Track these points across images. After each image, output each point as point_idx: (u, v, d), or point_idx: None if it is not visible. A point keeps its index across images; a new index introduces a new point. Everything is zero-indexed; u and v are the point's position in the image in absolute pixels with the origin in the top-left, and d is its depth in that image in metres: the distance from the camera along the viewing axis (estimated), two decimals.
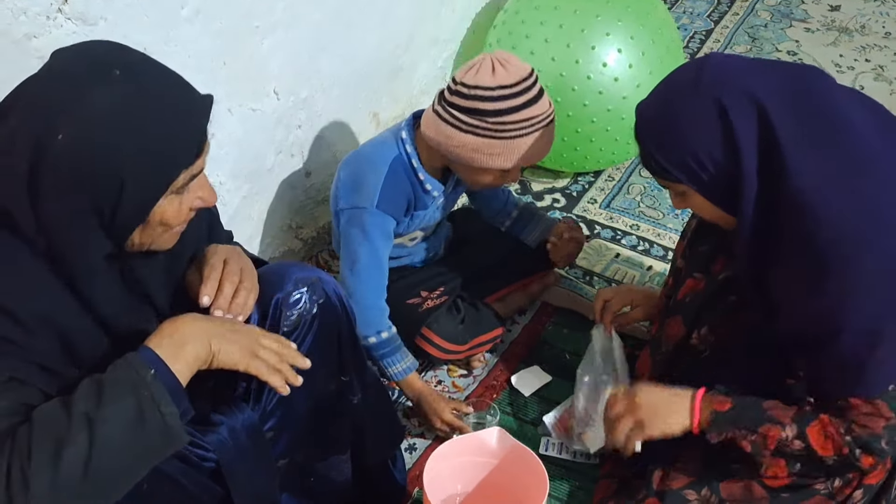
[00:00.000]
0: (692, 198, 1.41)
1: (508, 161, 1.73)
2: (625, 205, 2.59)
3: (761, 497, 1.49)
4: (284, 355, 1.25)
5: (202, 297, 1.23)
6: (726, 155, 1.32)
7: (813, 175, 1.27)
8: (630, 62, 2.31)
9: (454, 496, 1.62)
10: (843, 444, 1.37)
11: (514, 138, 1.70)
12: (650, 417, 1.49)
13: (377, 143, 1.89)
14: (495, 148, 1.71)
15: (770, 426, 1.41)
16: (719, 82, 1.32)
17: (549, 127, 1.75)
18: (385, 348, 1.84)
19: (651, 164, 1.41)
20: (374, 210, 1.80)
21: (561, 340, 2.12)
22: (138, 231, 1.12)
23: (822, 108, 1.31)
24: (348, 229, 1.83)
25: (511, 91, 1.68)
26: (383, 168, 1.80)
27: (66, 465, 0.99)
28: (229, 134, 1.92)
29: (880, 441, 1.36)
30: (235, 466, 1.27)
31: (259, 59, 1.94)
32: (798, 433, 1.39)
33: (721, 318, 1.55)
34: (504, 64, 1.70)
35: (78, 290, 1.10)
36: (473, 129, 1.70)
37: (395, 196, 1.82)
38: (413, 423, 1.93)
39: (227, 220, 1.52)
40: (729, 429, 1.43)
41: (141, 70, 1.08)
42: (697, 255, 1.64)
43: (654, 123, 1.39)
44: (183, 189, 1.12)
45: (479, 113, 1.68)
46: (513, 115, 1.68)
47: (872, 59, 3.27)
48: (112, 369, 1.08)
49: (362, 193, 1.81)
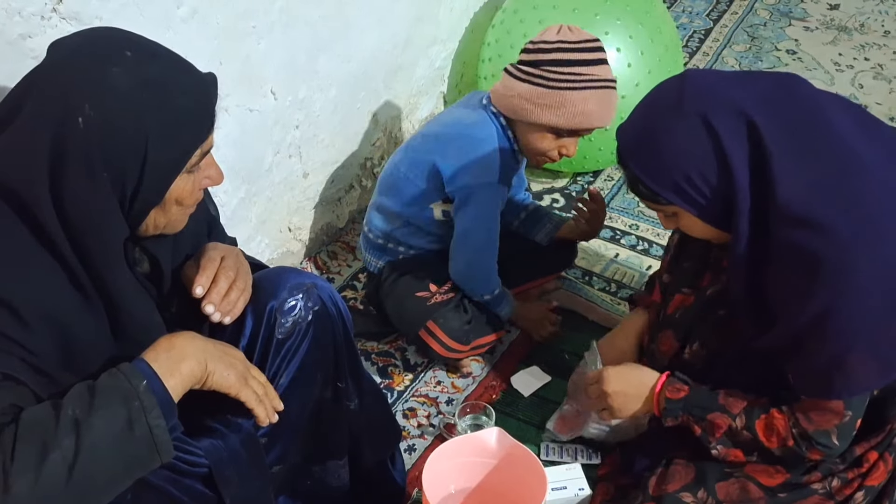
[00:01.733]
0: (684, 218, 1.40)
1: (560, 116, 1.76)
2: (624, 204, 2.58)
3: (758, 497, 1.48)
4: (268, 390, 1.27)
5: (196, 286, 1.23)
6: (719, 173, 1.31)
7: (800, 184, 1.27)
8: (629, 61, 2.30)
9: (453, 497, 1.62)
10: (787, 438, 1.42)
11: (566, 90, 1.74)
12: (619, 405, 1.60)
13: (473, 122, 1.89)
14: (547, 98, 1.75)
15: (719, 414, 1.47)
16: (702, 99, 1.31)
17: (608, 92, 1.77)
18: (497, 300, 1.97)
19: (640, 188, 1.39)
20: (498, 186, 1.86)
21: (560, 341, 2.11)
22: (154, 213, 1.13)
23: (805, 115, 1.31)
24: (476, 204, 1.86)
25: (570, 46, 1.75)
26: (494, 142, 1.85)
27: (50, 469, 0.98)
28: (226, 135, 1.91)
29: (830, 436, 1.40)
30: (228, 472, 1.27)
31: (256, 60, 1.94)
32: (746, 425, 1.45)
33: (712, 333, 1.55)
34: (571, 28, 1.78)
35: (92, 275, 1.09)
36: (529, 76, 1.77)
37: (508, 168, 1.88)
38: (412, 424, 1.92)
39: (224, 222, 1.52)
40: (680, 414, 1.52)
41: (149, 50, 1.10)
42: (683, 271, 1.63)
43: (639, 147, 1.37)
44: (195, 167, 1.14)
45: (536, 63, 1.76)
46: (567, 68, 1.73)
47: (872, 58, 3.27)
48: (105, 377, 1.08)
49: (485, 167, 1.84)
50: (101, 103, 1.03)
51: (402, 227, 2.01)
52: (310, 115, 2.18)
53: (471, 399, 1.95)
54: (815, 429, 1.40)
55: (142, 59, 1.06)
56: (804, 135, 1.29)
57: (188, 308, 1.29)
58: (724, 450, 1.50)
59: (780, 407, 1.44)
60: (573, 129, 1.80)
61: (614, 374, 1.61)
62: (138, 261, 1.21)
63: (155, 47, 1.11)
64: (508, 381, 2.01)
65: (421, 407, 1.96)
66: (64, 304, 1.08)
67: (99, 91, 1.03)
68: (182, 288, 1.29)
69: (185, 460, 1.21)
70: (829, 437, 1.40)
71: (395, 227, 2.01)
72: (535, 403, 1.96)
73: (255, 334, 1.34)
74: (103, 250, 1.09)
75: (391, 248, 2.04)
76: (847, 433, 1.41)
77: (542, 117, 1.77)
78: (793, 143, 1.28)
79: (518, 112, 1.80)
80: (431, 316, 1.92)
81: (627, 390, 1.58)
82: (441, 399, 1.98)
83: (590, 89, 1.75)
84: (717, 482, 1.50)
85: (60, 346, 1.09)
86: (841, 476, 1.47)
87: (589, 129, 1.81)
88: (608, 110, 1.80)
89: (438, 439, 1.88)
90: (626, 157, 1.39)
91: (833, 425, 1.39)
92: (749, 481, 1.50)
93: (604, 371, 1.62)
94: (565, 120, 1.77)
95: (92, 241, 1.07)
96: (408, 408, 1.96)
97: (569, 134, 1.81)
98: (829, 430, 1.39)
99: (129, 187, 1.07)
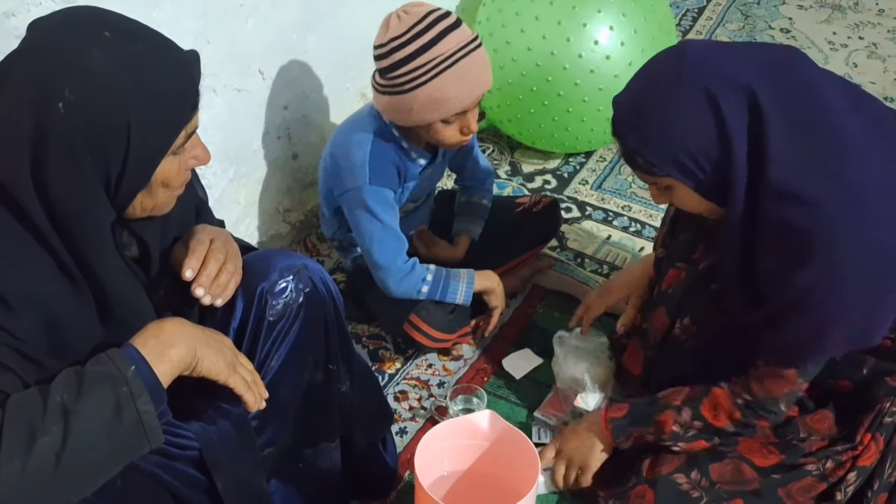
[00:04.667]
0: (679, 192, 1.39)
1: (428, 112, 1.69)
2: (616, 186, 2.57)
3: (752, 478, 1.49)
4: (255, 378, 1.26)
5: (186, 269, 1.22)
6: (719, 146, 1.29)
7: (794, 159, 1.27)
8: (622, 40, 2.28)
9: (446, 479, 1.62)
10: (733, 411, 1.45)
11: (417, 87, 1.66)
12: (582, 458, 1.63)
13: (357, 120, 1.87)
14: (407, 102, 1.69)
15: (662, 413, 1.51)
16: (703, 70, 1.29)
17: (462, 63, 1.67)
18: (437, 290, 1.88)
19: (636, 160, 1.37)
20: (369, 186, 1.79)
21: (552, 323, 2.10)
22: (140, 196, 1.11)
23: (803, 91, 1.30)
24: (353, 212, 1.83)
25: (402, 40, 1.66)
26: (366, 144, 1.79)
27: (38, 456, 0.97)
28: (214, 115, 1.89)
29: (778, 404, 1.43)
30: (219, 455, 1.26)
31: (244, 38, 1.91)
32: (693, 414, 1.49)
33: (703, 308, 1.55)
34: (400, 15, 1.68)
35: (79, 260, 1.08)
36: (383, 87, 1.72)
37: (385, 168, 1.81)
38: (403, 407, 1.91)
39: (213, 204, 1.51)
40: (629, 430, 1.56)
41: (128, 29, 1.07)
42: (678, 245, 1.63)
43: (638, 119, 1.35)
44: (181, 149, 1.12)
45: (382, 72, 1.70)
46: (408, 65, 1.66)
47: (866, 37, 3.26)
48: (93, 363, 1.06)
49: (353, 174, 1.79)
50: (80, 87, 1.00)
51: (339, 230, 2.00)
52: (299, 95, 2.15)
53: (462, 382, 1.94)
54: (765, 396, 1.42)
55: (121, 40, 1.04)
56: (801, 110, 1.28)
57: (176, 292, 1.28)
58: (685, 445, 1.52)
59: (718, 384, 1.47)
60: (452, 114, 1.72)
61: (561, 438, 1.68)
62: (127, 245, 1.20)
63: (134, 27, 1.09)
64: (500, 363, 2.01)
65: (412, 390, 1.96)
66: (51, 289, 1.07)
67: (78, 74, 1.01)
68: (170, 272, 1.27)
69: (175, 444, 1.20)
70: (776, 405, 1.43)
71: (334, 230, 2.01)
72: (526, 386, 1.96)
73: (245, 317, 1.33)
74: (90, 235, 1.08)
75: (347, 248, 2.04)
76: (792, 400, 1.45)
77: (416, 119, 1.71)
78: (790, 118, 1.27)
79: (398, 120, 1.75)
80: (413, 309, 1.90)
81: (580, 443, 1.63)
82: (432, 382, 1.98)
83: (441, 73, 1.65)
84: (711, 463, 1.51)
85: (47, 331, 1.07)
86: (835, 458, 1.47)
87: (465, 106, 1.71)
88: (472, 79, 1.70)
89: (430, 422, 1.88)
90: (624, 128, 1.37)
91: (783, 393, 1.42)
92: (743, 462, 1.50)
93: (552, 442, 1.69)
94: (436, 114, 1.70)
95: (77, 225, 1.06)
96: (399, 391, 1.95)
97: (456, 116, 1.73)
98: (779, 398, 1.43)
99: (114, 171, 1.05)
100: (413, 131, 1.81)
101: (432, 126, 1.74)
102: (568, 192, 2.54)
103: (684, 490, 1.50)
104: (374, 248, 1.83)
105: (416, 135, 1.82)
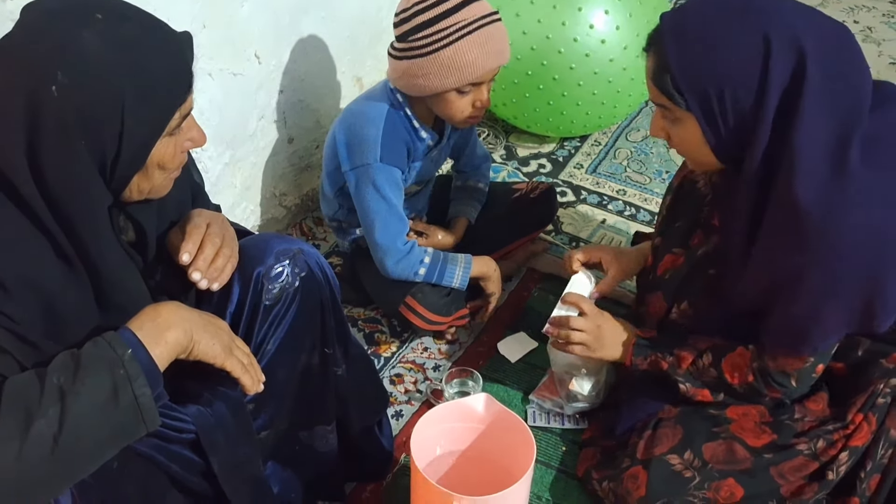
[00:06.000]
0: (684, 131, 1.35)
1: (447, 78, 1.70)
2: (611, 170, 2.57)
3: (744, 458, 1.50)
4: (252, 362, 1.26)
5: (183, 253, 1.22)
6: (754, 96, 1.25)
7: (816, 135, 1.25)
8: (617, 24, 2.28)
9: (441, 461, 1.62)
10: (748, 373, 1.46)
11: (439, 50, 1.67)
12: (601, 345, 1.64)
13: (369, 98, 1.88)
14: (425, 66, 1.69)
15: (685, 349, 1.53)
16: (770, 15, 1.24)
17: (484, 31, 1.68)
18: (434, 273, 1.89)
19: (664, 79, 1.31)
20: (379, 164, 1.79)
21: (547, 307, 2.09)
22: (136, 178, 1.11)
23: (846, 70, 1.27)
24: (359, 189, 1.83)
25: (427, 4, 1.67)
26: (380, 121, 1.80)
27: (35, 438, 0.97)
28: (210, 99, 1.89)
29: (790, 378, 1.45)
30: (215, 438, 1.26)
31: (239, 22, 1.91)
32: (712, 362, 1.50)
33: (700, 292, 1.55)
34: None
35: (76, 244, 1.08)
36: (402, 52, 1.72)
37: (396, 146, 1.82)
38: (399, 390, 1.92)
39: (209, 188, 1.51)
40: (648, 353, 1.57)
41: (121, 11, 1.07)
42: (674, 231, 1.63)
43: (685, 36, 1.28)
44: (176, 130, 1.12)
45: (403, 37, 1.71)
46: (431, 27, 1.67)
47: (861, 21, 3.26)
48: (90, 346, 1.07)
49: (364, 150, 1.80)
50: (72, 69, 1.00)
51: (340, 210, 2.00)
52: (294, 79, 2.15)
53: (458, 365, 1.95)
54: (776, 368, 1.44)
55: (113, 21, 1.04)
56: (838, 89, 1.25)
57: (172, 276, 1.28)
58: (692, 388, 1.54)
59: (746, 346, 1.47)
60: (468, 83, 1.73)
61: (610, 319, 1.65)
62: (123, 229, 1.20)
63: (126, 8, 1.08)
64: (495, 347, 2.01)
65: (408, 373, 1.97)
66: (47, 272, 1.07)
67: (70, 57, 1.00)
68: (166, 256, 1.28)
69: (171, 426, 1.21)
70: (787, 378, 1.45)
71: (335, 210, 2.01)
72: (521, 369, 1.97)
73: (242, 301, 1.33)
74: (86, 218, 1.08)
75: (346, 229, 2.04)
76: (806, 378, 1.45)
77: (432, 86, 1.72)
78: (826, 92, 1.24)
79: (411, 89, 1.76)
80: (409, 291, 1.91)
81: (613, 337, 1.63)
82: (428, 365, 1.99)
83: (462, 37, 1.66)
84: (705, 443, 1.52)
85: (44, 314, 1.08)
86: (826, 437, 1.49)
87: (482, 76, 1.73)
88: (493, 48, 1.71)
89: (426, 405, 1.88)
90: (668, 41, 1.29)
91: (795, 369, 1.43)
92: (735, 442, 1.51)
93: (602, 313, 1.66)
94: (453, 79, 1.70)
95: (74, 209, 1.06)
96: (395, 374, 1.96)
97: (471, 87, 1.74)
98: (790, 373, 1.44)
99: (109, 153, 1.05)
100: (424, 107, 1.82)
101: (446, 97, 1.74)
102: (563, 176, 2.54)
103: (677, 470, 1.51)
104: (376, 226, 1.84)
105: (426, 110, 1.83)
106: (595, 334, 1.64)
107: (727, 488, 1.48)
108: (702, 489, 1.49)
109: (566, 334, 1.65)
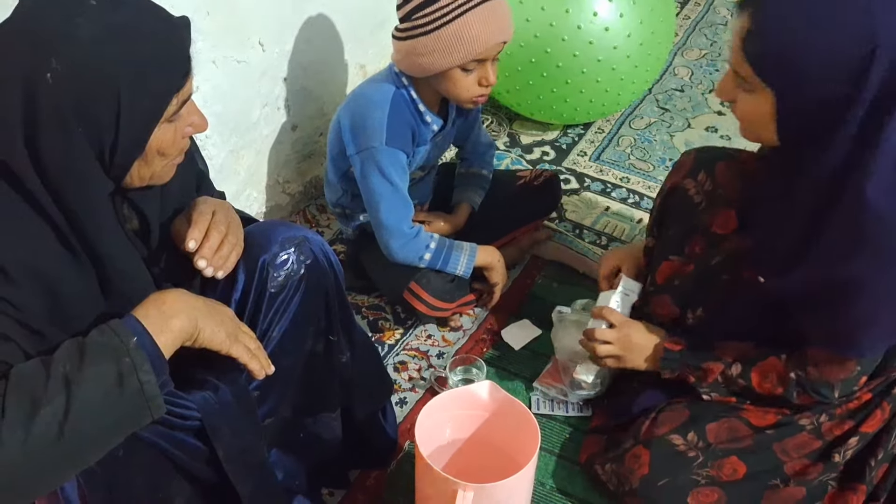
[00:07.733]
0: (757, 101, 1.26)
1: (450, 54, 1.70)
2: (615, 157, 2.57)
3: (746, 434, 1.50)
4: (258, 346, 1.27)
5: (189, 241, 1.22)
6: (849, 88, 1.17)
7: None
8: (621, 11, 2.27)
9: (445, 448, 1.63)
10: (781, 384, 1.43)
11: (442, 27, 1.67)
12: (630, 356, 1.62)
13: (375, 82, 1.88)
14: (429, 44, 1.70)
15: (713, 362, 1.50)
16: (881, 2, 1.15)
17: (486, 6, 1.68)
18: (439, 260, 1.89)
19: (754, 44, 1.21)
20: (385, 147, 1.80)
21: (551, 294, 2.11)
22: (137, 165, 1.11)
23: None
24: (365, 172, 1.83)
25: None
26: (385, 104, 1.80)
27: (41, 425, 0.98)
28: (214, 87, 1.89)
29: (832, 389, 1.40)
30: (220, 425, 1.26)
31: (243, 10, 1.90)
32: (741, 372, 1.48)
33: (716, 298, 1.54)
34: None
35: (79, 232, 1.08)
36: (406, 32, 1.72)
37: (402, 129, 1.82)
38: (403, 378, 1.93)
39: (213, 176, 1.51)
40: (676, 367, 1.55)
41: None
42: (668, 239, 1.62)
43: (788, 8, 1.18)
44: (175, 116, 1.11)
45: (407, 16, 1.71)
46: (433, 5, 1.67)
47: None
48: (95, 334, 1.07)
49: (370, 133, 1.80)
50: (67, 56, 1.00)
51: (344, 196, 2.00)
52: (297, 66, 2.15)
53: (461, 352, 1.95)
54: (819, 378, 1.40)
55: (108, 7, 1.03)
56: None
57: (177, 264, 1.28)
58: (716, 396, 1.52)
59: (778, 356, 1.44)
60: (473, 60, 1.72)
61: (637, 328, 1.62)
62: (128, 218, 1.20)
63: None
64: (499, 334, 2.02)
65: (412, 360, 1.97)
66: (52, 260, 1.07)
67: (64, 44, 1.00)
68: (171, 243, 1.28)
69: (176, 413, 1.21)
70: (830, 389, 1.40)
71: (339, 196, 2.01)
72: (525, 357, 1.97)
73: (247, 288, 1.33)
74: (87, 206, 1.08)
75: (350, 215, 2.04)
76: (849, 388, 1.41)
77: (436, 64, 1.72)
78: None
79: (416, 69, 1.76)
80: (413, 277, 1.91)
81: (642, 346, 1.60)
82: (432, 353, 1.99)
83: (465, 13, 1.66)
84: (709, 423, 1.52)
85: (49, 302, 1.08)
86: (829, 412, 1.47)
87: (487, 51, 1.72)
88: (496, 23, 1.70)
89: (430, 392, 1.89)
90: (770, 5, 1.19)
91: (839, 378, 1.39)
92: (738, 420, 1.51)
93: (629, 322, 1.64)
94: (457, 55, 1.70)
95: (75, 196, 1.06)
96: (399, 361, 1.96)
97: (475, 64, 1.74)
98: (834, 383, 1.39)
99: (107, 141, 1.05)
100: (429, 91, 1.82)
101: (451, 76, 1.75)
102: (566, 163, 2.54)
103: (680, 451, 1.51)
104: (381, 208, 1.84)
105: (431, 94, 1.83)
106: (623, 344, 1.62)
107: (730, 465, 1.49)
108: (705, 467, 1.49)
109: (593, 346, 1.65)
